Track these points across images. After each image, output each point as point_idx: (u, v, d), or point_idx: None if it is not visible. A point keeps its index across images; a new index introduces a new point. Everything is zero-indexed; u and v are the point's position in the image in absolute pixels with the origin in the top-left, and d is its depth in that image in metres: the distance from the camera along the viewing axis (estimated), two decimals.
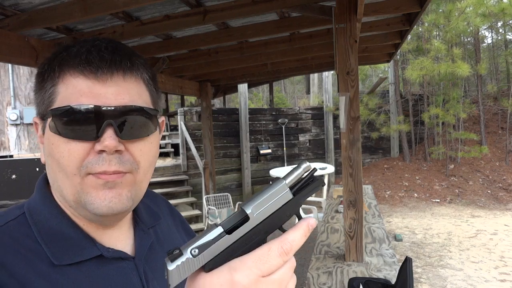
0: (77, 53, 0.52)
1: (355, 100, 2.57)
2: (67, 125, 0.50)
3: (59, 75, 0.52)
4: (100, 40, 0.54)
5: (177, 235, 0.73)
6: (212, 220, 5.80)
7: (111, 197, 0.52)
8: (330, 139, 10.11)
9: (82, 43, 0.53)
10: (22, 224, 0.54)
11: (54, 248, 0.52)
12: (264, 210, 0.39)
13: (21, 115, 9.38)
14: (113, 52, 0.52)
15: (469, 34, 11.46)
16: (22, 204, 0.57)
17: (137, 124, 0.53)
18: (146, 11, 3.11)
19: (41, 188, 0.58)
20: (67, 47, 0.54)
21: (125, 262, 0.58)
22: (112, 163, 0.51)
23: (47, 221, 0.54)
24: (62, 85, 0.52)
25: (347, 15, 2.56)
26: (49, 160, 0.53)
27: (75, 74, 0.51)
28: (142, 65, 0.56)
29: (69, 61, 0.52)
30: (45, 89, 0.53)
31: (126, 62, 0.53)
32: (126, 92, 0.52)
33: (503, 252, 5.32)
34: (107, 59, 0.51)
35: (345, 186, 2.66)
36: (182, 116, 8.04)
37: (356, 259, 2.65)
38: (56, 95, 0.52)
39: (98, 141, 0.50)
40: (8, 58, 3.08)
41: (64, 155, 0.51)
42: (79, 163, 0.51)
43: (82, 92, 0.50)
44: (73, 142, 0.51)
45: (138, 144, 0.54)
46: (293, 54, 4.95)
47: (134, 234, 0.63)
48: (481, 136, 10.38)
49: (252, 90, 18.31)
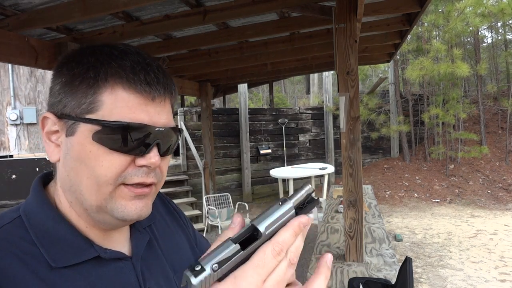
0: (133, 69, 0.53)
1: (355, 100, 2.57)
2: (116, 138, 0.51)
3: (108, 85, 0.52)
4: (150, 59, 0.55)
5: (175, 230, 0.74)
6: (212, 220, 5.80)
7: (142, 206, 0.55)
8: (330, 139, 10.11)
9: (132, 57, 0.54)
10: (18, 227, 0.54)
11: (51, 250, 0.53)
12: (274, 228, 0.43)
13: (21, 115, 9.38)
14: (164, 75, 0.56)
15: (469, 34, 11.47)
16: (18, 207, 0.57)
17: (172, 143, 0.58)
18: (146, 11, 3.11)
19: (37, 191, 0.58)
20: (113, 56, 0.53)
21: (123, 262, 0.59)
22: (149, 176, 0.54)
23: (44, 224, 0.54)
24: (110, 96, 0.52)
25: (347, 15, 2.56)
26: (76, 165, 0.53)
27: (130, 90, 0.52)
28: (175, 87, 0.60)
29: (122, 75, 0.52)
30: (84, 93, 0.52)
31: (172, 86, 0.57)
32: (167, 113, 0.56)
33: (503, 252, 5.32)
34: (162, 82, 0.55)
35: (345, 186, 2.66)
36: (182, 116, 8.04)
37: (356, 259, 2.65)
38: (99, 104, 0.52)
39: (142, 157, 0.53)
40: (8, 58, 3.08)
41: (103, 164, 0.52)
42: (118, 174, 0.52)
43: (134, 109, 0.52)
44: (116, 154, 0.52)
45: (166, 159, 0.58)
46: (293, 54, 4.95)
47: (131, 234, 0.64)
48: (481, 136, 10.38)
49: (252, 90, 18.32)
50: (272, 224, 0.43)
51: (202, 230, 6.44)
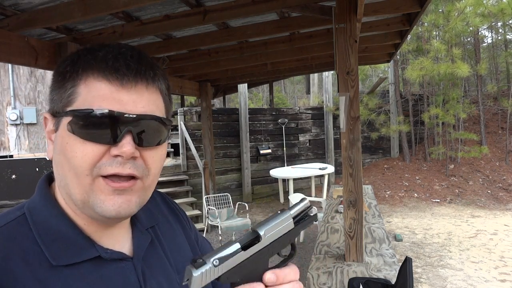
0: (104, 58, 0.53)
1: (355, 100, 2.57)
2: (86, 127, 0.51)
3: (82, 77, 0.53)
4: (126, 48, 0.55)
5: (178, 231, 0.73)
6: (212, 220, 5.80)
7: (121, 202, 0.53)
8: (330, 139, 10.11)
9: (108, 48, 0.54)
10: (22, 224, 0.54)
11: (52, 249, 0.53)
12: (273, 234, 0.47)
13: (21, 115, 9.38)
14: (139, 61, 0.54)
15: (469, 34, 11.47)
16: (22, 204, 0.57)
17: (153, 133, 0.55)
18: (146, 11, 3.11)
19: (42, 188, 0.59)
20: (92, 50, 0.54)
21: (123, 263, 0.58)
22: (126, 166, 0.53)
23: (47, 221, 0.55)
24: (84, 87, 0.52)
25: (347, 15, 2.56)
26: (60, 158, 0.54)
27: (99, 78, 0.52)
28: (162, 76, 0.58)
29: (93, 65, 0.53)
30: (65, 88, 0.54)
31: (149, 72, 0.55)
32: (147, 102, 0.54)
33: (503, 252, 5.32)
34: (133, 67, 0.53)
35: (345, 186, 2.66)
36: (182, 116, 8.04)
37: (356, 259, 2.65)
38: (76, 96, 0.53)
39: (115, 146, 0.52)
40: (8, 58, 3.08)
41: (77, 155, 0.52)
42: (92, 164, 0.52)
43: (105, 97, 0.52)
44: (89, 144, 0.52)
45: (151, 152, 0.56)
46: (293, 54, 4.95)
47: (132, 234, 0.64)
48: (481, 136, 10.38)
49: (252, 90, 18.31)
50: (271, 229, 0.47)
51: (202, 230, 6.43)
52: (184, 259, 0.69)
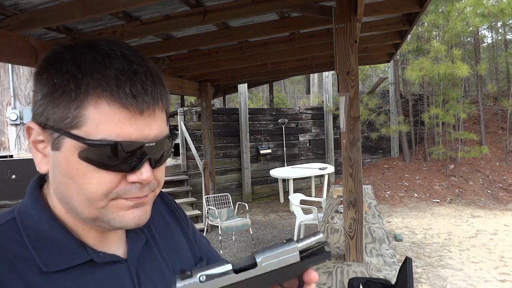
0: (118, 81, 0.48)
1: (355, 100, 2.57)
2: (104, 156, 0.48)
3: (91, 100, 0.48)
4: (137, 63, 0.50)
5: (175, 230, 0.72)
6: (212, 220, 5.80)
7: (140, 214, 0.54)
8: (330, 139, 10.12)
9: (116, 63, 0.49)
10: (12, 229, 0.53)
11: (43, 254, 0.51)
12: (271, 263, 0.45)
13: (21, 115, 9.38)
14: (154, 82, 0.51)
15: (469, 34, 11.47)
16: (13, 208, 0.56)
17: (166, 152, 0.55)
18: (146, 11, 3.11)
19: (33, 191, 0.57)
20: (96, 63, 0.49)
21: (117, 265, 0.57)
22: (144, 190, 0.53)
23: (37, 226, 0.53)
24: (95, 110, 0.48)
25: (347, 15, 2.56)
26: (65, 180, 0.51)
27: (114, 104, 0.48)
28: (166, 88, 0.55)
29: (105, 87, 0.48)
30: (66, 108, 0.48)
31: (162, 92, 0.53)
32: (159, 122, 0.52)
33: (503, 252, 5.32)
34: (150, 92, 0.50)
35: (345, 186, 2.66)
36: (182, 116, 8.04)
37: (356, 259, 2.65)
38: (84, 119, 0.48)
39: (133, 173, 0.51)
40: (8, 58, 3.08)
41: (92, 182, 0.49)
42: (108, 191, 0.50)
43: (123, 125, 0.48)
44: (105, 171, 0.49)
45: (161, 168, 0.56)
46: (293, 54, 4.95)
47: (127, 236, 0.62)
48: (481, 136, 10.38)
49: (252, 90, 18.32)
50: (269, 258, 0.45)
51: (202, 230, 6.44)
52: (181, 258, 0.68)
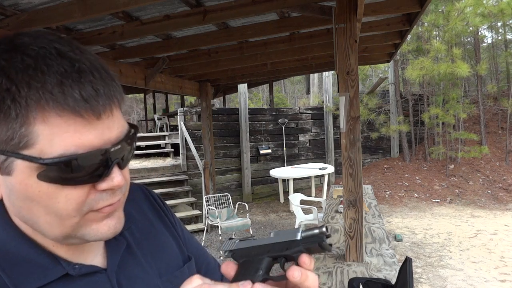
0: (62, 86, 0.42)
1: (355, 100, 2.57)
2: (67, 173, 0.43)
3: (37, 115, 0.41)
4: (78, 60, 0.44)
5: (160, 229, 0.68)
6: (212, 220, 5.80)
7: (115, 223, 0.51)
8: (330, 139, 10.12)
9: (54, 66, 0.42)
10: None
11: (13, 275, 0.47)
12: (277, 236, 0.49)
13: None
14: (103, 79, 0.45)
15: (469, 34, 11.48)
16: None
17: (132, 148, 0.51)
18: (146, 11, 3.11)
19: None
20: (30, 69, 0.42)
21: (97, 276, 0.53)
22: (116, 194, 0.49)
23: (4, 245, 0.49)
24: (44, 126, 0.42)
25: (347, 15, 2.56)
26: (26, 204, 0.46)
27: (64, 113, 0.42)
28: (117, 80, 0.49)
29: (50, 97, 0.41)
30: (8, 126, 0.42)
31: (115, 88, 0.47)
32: (117, 120, 0.47)
33: (503, 252, 5.32)
34: (103, 93, 0.44)
35: (345, 186, 2.66)
36: (182, 116, 8.05)
37: (356, 259, 2.65)
38: (33, 136, 0.42)
39: (103, 181, 0.46)
40: None
41: (59, 201, 0.45)
42: (79, 206, 0.46)
43: (79, 133, 0.43)
44: (71, 187, 0.45)
45: (127, 166, 0.52)
46: (293, 54, 4.95)
47: (105, 243, 0.58)
48: (481, 136, 10.38)
49: (252, 90, 18.32)
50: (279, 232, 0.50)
51: (202, 230, 6.44)
52: (168, 258, 0.64)
